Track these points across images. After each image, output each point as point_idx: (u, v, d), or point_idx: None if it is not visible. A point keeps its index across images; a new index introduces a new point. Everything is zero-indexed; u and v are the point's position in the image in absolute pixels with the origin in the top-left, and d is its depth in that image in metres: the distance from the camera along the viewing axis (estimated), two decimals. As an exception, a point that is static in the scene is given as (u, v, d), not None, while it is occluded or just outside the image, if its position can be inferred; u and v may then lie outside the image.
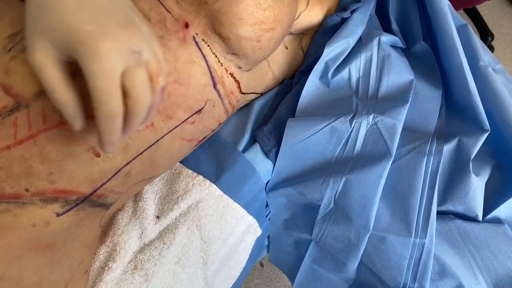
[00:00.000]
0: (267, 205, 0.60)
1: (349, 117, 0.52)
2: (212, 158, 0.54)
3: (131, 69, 0.28)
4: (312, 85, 0.56)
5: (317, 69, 0.55)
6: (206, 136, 0.51)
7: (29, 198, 0.35)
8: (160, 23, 0.41)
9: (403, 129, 0.52)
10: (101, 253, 0.46)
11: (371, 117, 0.52)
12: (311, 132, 0.52)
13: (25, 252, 0.35)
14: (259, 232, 0.59)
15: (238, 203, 0.52)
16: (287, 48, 0.58)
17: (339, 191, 0.53)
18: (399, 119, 0.51)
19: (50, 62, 0.28)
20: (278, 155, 0.54)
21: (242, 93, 0.52)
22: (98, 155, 0.38)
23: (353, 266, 0.57)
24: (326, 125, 0.52)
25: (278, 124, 0.55)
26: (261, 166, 0.55)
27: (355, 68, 0.55)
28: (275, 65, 0.57)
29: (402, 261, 0.54)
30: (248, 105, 0.59)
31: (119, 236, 0.46)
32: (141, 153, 0.42)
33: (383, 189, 0.52)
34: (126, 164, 0.41)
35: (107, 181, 0.40)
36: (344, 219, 0.55)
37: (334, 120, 0.52)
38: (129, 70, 0.28)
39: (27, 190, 0.35)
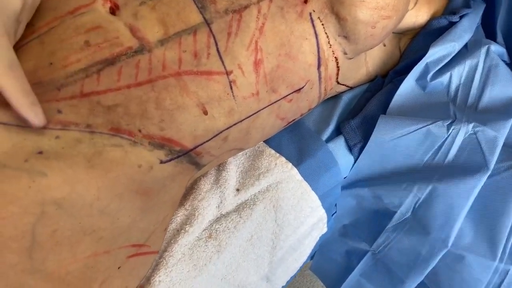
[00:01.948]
0: (335, 204, 0.58)
1: (447, 123, 0.49)
2: (294, 143, 0.53)
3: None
4: (407, 86, 0.54)
5: (417, 70, 0.53)
6: (295, 119, 0.50)
7: (140, 139, 0.35)
8: (282, -6, 0.41)
9: (503, 145, 0.49)
10: (179, 215, 0.46)
11: (471, 126, 0.49)
12: (404, 131, 0.50)
13: (127, 192, 0.35)
14: (324, 229, 0.57)
15: (316, 193, 0.51)
16: (385, 46, 0.57)
17: (422, 199, 0.51)
18: (501, 132, 0.48)
19: None
20: (363, 151, 0.53)
21: (337, 82, 0.51)
22: (205, 113, 0.38)
23: (411, 285, 0.54)
24: (422, 127, 0.50)
25: (366, 120, 0.54)
26: (342, 159, 0.53)
27: (457, 74, 0.53)
28: (371, 60, 0.56)
29: (478, 286, 0.50)
30: (335, 97, 0.58)
31: (200, 201, 0.46)
32: (241, 121, 0.41)
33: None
34: (227, 128, 0.41)
35: (207, 141, 0.40)
36: (420, 230, 0.52)
37: (431, 123, 0.49)
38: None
39: (139, 130, 0.35)
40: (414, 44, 0.57)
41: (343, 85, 0.54)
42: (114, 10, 0.37)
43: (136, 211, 0.36)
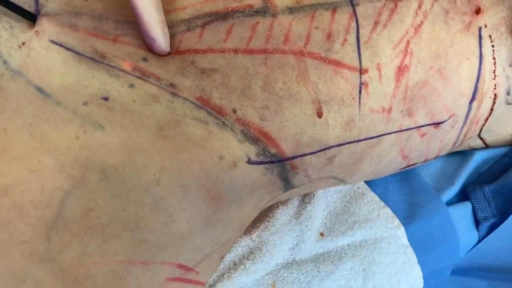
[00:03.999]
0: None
1: None
2: (404, 195, 0.41)
3: None
4: None
5: None
6: (416, 164, 0.38)
7: (232, 122, 0.26)
8: (451, -5, 0.31)
9: None
10: (241, 245, 0.35)
11: None
12: None
13: (195, 188, 0.25)
14: (413, 320, 0.42)
15: (421, 268, 0.37)
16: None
17: None
18: None
19: None
20: (495, 230, 0.39)
21: (479, 132, 0.39)
22: (320, 115, 0.28)
23: None
24: None
25: (506, 190, 0.40)
26: (464, 234, 0.40)
27: None
28: (524, 119, 0.43)
29: None
30: (464, 152, 0.45)
31: (271, 234, 0.35)
32: (358, 141, 0.31)
33: None
34: (338, 145, 0.30)
35: (310, 153, 0.30)
36: None
37: None
38: None
39: (234, 111, 0.26)
40: None
41: (481, 138, 0.42)
42: None
43: (198, 219, 0.26)
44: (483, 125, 0.38)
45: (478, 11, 0.32)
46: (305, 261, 0.35)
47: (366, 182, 0.41)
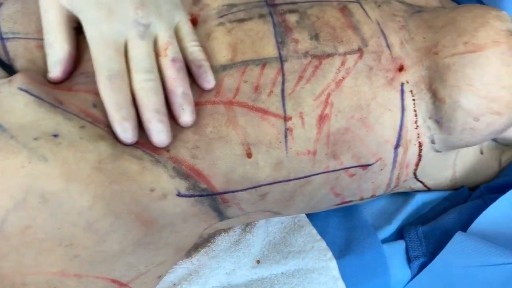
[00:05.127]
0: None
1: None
2: (343, 230, 0.44)
3: (133, 39, 0.30)
4: (500, 210, 0.43)
5: (516, 194, 0.42)
6: (352, 201, 0.41)
7: (165, 160, 0.30)
8: (375, 54, 0.36)
9: None
10: (181, 267, 0.38)
11: None
12: (485, 261, 0.39)
13: (126, 214, 0.29)
14: None
15: (351, 300, 0.40)
16: (482, 153, 0.48)
17: None
18: None
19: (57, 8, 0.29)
20: (425, 269, 0.41)
21: (414, 174, 0.42)
22: (249, 155, 0.32)
23: None
24: (511, 263, 0.38)
25: (439, 232, 0.43)
26: (396, 271, 0.42)
27: None
28: (461, 165, 0.47)
29: None
30: (407, 194, 0.48)
31: (210, 258, 0.38)
32: (288, 180, 0.34)
33: None
34: (269, 184, 0.34)
35: (241, 190, 0.33)
36: None
37: (527, 263, 0.37)
38: (130, 41, 0.30)
39: (167, 150, 0.30)
40: (520, 162, 0.47)
41: (420, 181, 0.45)
42: (193, 24, 0.35)
43: (130, 240, 0.30)
44: (415, 169, 0.41)
45: (401, 69, 0.37)
46: (239, 285, 0.38)
47: (308, 215, 0.44)
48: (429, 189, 0.48)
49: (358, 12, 0.37)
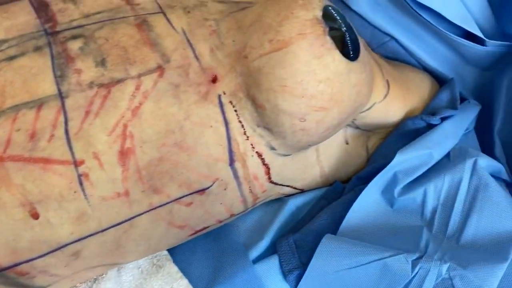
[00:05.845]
0: None
1: (413, 258, 0.35)
2: (211, 258, 0.40)
3: None
4: (369, 199, 0.41)
5: (381, 180, 0.41)
6: (208, 227, 0.38)
7: None
8: (181, 69, 0.32)
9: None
10: None
11: (445, 267, 0.35)
12: (353, 263, 0.37)
13: None
14: None
15: (225, 334, 0.37)
16: (347, 144, 0.46)
17: None
18: (489, 282, 0.34)
19: None
20: (301, 281, 0.39)
21: (272, 182, 0.39)
22: (35, 216, 0.27)
23: None
24: (377, 260, 0.36)
25: (311, 238, 0.40)
26: (274, 288, 0.39)
27: (434, 192, 0.40)
28: (327, 160, 0.44)
29: None
30: (281, 201, 0.45)
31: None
32: (103, 231, 0.30)
33: None
34: (76, 241, 0.29)
35: (38, 257, 0.28)
36: None
37: (390, 256, 0.35)
38: None
39: None
40: (383, 146, 0.45)
41: (287, 186, 0.43)
42: None
43: None
44: (269, 178, 0.38)
45: (214, 80, 0.33)
46: None
47: (171, 249, 0.40)
48: (302, 190, 0.45)
49: (160, 25, 0.33)
